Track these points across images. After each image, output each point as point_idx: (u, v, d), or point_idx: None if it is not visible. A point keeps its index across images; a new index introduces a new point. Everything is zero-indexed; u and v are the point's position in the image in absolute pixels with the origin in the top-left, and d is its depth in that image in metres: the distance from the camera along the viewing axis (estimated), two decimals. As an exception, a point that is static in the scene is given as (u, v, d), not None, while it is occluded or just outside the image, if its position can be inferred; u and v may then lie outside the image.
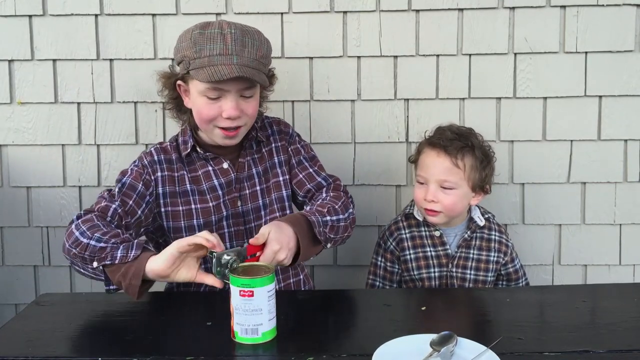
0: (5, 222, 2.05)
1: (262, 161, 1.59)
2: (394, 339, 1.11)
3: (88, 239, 1.30)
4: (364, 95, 1.97)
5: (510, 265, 1.74)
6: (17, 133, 2.00)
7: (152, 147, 1.56)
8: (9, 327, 1.29)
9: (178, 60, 1.47)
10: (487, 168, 1.67)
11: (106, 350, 1.15)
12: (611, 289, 1.53)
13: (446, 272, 1.69)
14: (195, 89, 1.45)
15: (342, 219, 1.50)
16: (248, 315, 1.13)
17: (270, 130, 1.63)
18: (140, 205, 1.46)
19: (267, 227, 1.31)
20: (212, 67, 1.38)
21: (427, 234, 1.71)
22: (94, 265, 1.29)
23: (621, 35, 1.91)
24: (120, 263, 1.26)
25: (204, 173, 1.54)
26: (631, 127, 1.95)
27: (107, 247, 1.28)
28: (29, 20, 1.95)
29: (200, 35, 1.40)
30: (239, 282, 1.13)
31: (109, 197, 1.44)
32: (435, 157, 1.63)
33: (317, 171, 1.62)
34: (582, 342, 1.13)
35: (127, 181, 1.47)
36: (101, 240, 1.29)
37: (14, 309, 2.08)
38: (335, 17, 1.93)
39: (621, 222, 2.00)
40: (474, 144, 1.65)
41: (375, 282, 1.75)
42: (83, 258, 1.30)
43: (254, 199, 1.57)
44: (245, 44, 1.41)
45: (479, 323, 1.28)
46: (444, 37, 1.93)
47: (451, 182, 1.62)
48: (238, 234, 1.55)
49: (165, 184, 1.51)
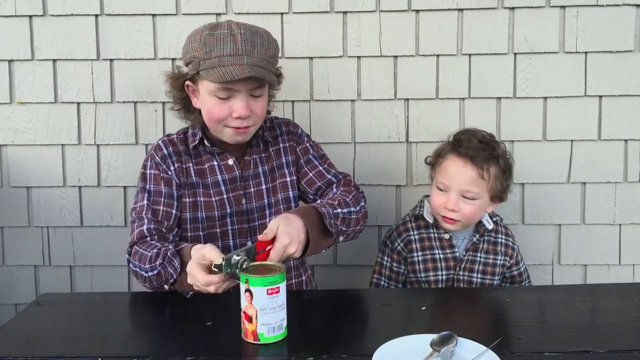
0: (5, 222, 2.05)
1: (269, 160, 1.60)
2: (394, 339, 1.11)
3: (145, 272, 1.38)
4: (364, 95, 1.97)
5: (515, 268, 1.73)
6: (17, 133, 2.00)
7: (159, 141, 1.57)
8: (9, 327, 1.29)
9: (187, 61, 1.47)
10: (508, 179, 1.65)
11: (106, 350, 1.15)
12: (611, 289, 1.53)
13: (453, 275, 1.68)
14: (205, 89, 1.45)
15: (354, 211, 1.49)
16: (275, 313, 1.13)
17: (279, 130, 1.63)
18: (172, 205, 1.50)
19: (276, 220, 1.30)
20: (223, 67, 1.39)
21: (436, 236, 1.70)
22: (166, 288, 1.36)
23: (621, 35, 1.91)
24: (178, 276, 1.32)
25: (209, 167, 1.55)
26: (631, 127, 1.95)
27: (161, 271, 1.35)
28: (29, 20, 1.95)
29: (210, 36, 1.41)
30: (265, 281, 1.12)
31: (137, 220, 1.48)
32: (461, 167, 1.60)
33: (327, 169, 1.62)
34: (582, 342, 1.13)
35: (151, 188, 1.50)
36: (154, 268, 1.36)
37: (14, 309, 2.08)
38: (335, 17, 1.93)
39: (621, 222, 2.00)
40: (499, 153, 1.62)
41: (380, 282, 1.75)
42: (156, 287, 1.38)
43: (259, 197, 1.57)
44: (255, 44, 1.42)
45: (479, 323, 1.28)
46: (444, 37, 1.93)
47: (474, 193, 1.59)
48: (242, 232, 1.56)
49: (179, 175, 1.53)
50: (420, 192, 1.83)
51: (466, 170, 1.59)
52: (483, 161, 1.58)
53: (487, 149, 1.61)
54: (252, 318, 1.13)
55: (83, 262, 2.05)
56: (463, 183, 1.59)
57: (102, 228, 2.03)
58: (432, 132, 1.93)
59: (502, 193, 1.65)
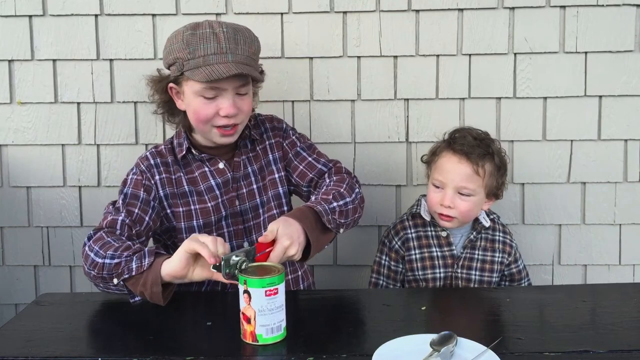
0: (5, 222, 2.05)
1: (257, 159, 1.60)
2: (394, 339, 1.11)
3: (102, 258, 1.31)
4: (364, 95, 1.97)
5: (514, 266, 1.74)
6: (17, 133, 2.00)
7: (147, 152, 1.56)
8: (9, 327, 1.29)
9: (169, 63, 1.46)
10: (503, 175, 1.66)
11: (106, 350, 1.15)
12: (611, 289, 1.53)
13: (451, 273, 1.69)
14: (191, 90, 1.45)
15: (349, 201, 1.49)
16: (274, 314, 1.13)
17: (263, 127, 1.63)
18: (146, 212, 1.47)
19: (275, 223, 1.30)
20: (208, 66, 1.38)
21: (434, 234, 1.71)
22: (115, 282, 1.30)
23: (621, 35, 1.91)
24: (138, 274, 1.27)
25: (201, 174, 1.54)
26: (631, 127, 1.95)
27: (122, 262, 1.29)
28: (29, 20, 1.95)
29: (192, 35, 1.40)
30: (264, 282, 1.12)
31: (114, 211, 1.45)
32: (457, 163, 1.61)
33: (317, 158, 1.62)
34: (582, 342, 1.13)
35: (128, 191, 1.48)
36: (114, 257, 1.30)
37: (14, 309, 2.08)
38: (335, 17, 1.93)
39: (621, 222, 2.00)
40: (493, 150, 1.64)
41: (379, 281, 1.75)
42: (103, 278, 1.32)
43: (251, 197, 1.57)
44: (238, 42, 1.42)
45: (479, 323, 1.28)
46: (444, 37, 1.93)
47: (470, 189, 1.60)
48: (237, 233, 1.56)
49: (165, 186, 1.51)
50: (420, 192, 1.83)
51: (461, 166, 1.60)
52: (478, 157, 1.60)
53: (482, 146, 1.62)
54: (250, 319, 1.13)
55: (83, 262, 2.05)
56: (459, 179, 1.60)
57: (102, 228, 2.03)
58: (432, 132, 1.93)
59: (498, 190, 1.66)
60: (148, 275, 1.26)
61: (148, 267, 1.26)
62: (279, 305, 1.14)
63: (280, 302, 1.14)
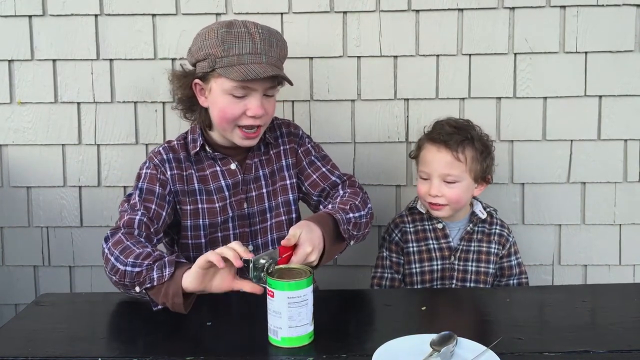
0: (5, 222, 2.05)
1: (270, 163, 1.58)
2: (394, 339, 1.11)
3: (124, 265, 1.29)
4: (364, 95, 1.97)
5: (506, 260, 1.74)
6: (17, 133, 2.00)
7: (160, 147, 1.54)
8: (8, 327, 1.29)
9: (200, 58, 1.43)
10: (487, 159, 1.69)
11: (106, 350, 1.15)
12: (611, 289, 1.53)
13: (448, 265, 1.71)
14: (220, 88, 1.43)
15: (363, 214, 1.49)
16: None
17: (279, 131, 1.61)
18: (163, 207, 1.46)
19: (298, 227, 1.28)
20: (243, 65, 1.37)
21: (430, 227, 1.74)
22: (137, 290, 1.28)
23: (621, 35, 1.91)
24: (159, 284, 1.25)
25: (212, 173, 1.53)
26: (631, 127, 1.95)
27: (143, 271, 1.27)
28: (29, 20, 1.95)
29: (228, 33, 1.39)
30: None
31: (130, 209, 1.43)
32: (436, 152, 1.65)
33: (331, 170, 1.61)
34: (582, 342, 1.13)
35: (143, 186, 1.46)
36: (136, 265, 1.28)
37: (14, 309, 2.08)
38: (335, 17, 1.93)
39: (621, 222, 2.00)
40: (473, 136, 1.67)
41: (384, 274, 1.75)
42: (124, 285, 1.30)
43: (260, 201, 1.56)
44: (272, 44, 1.42)
45: (479, 323, 1.28)
46: (444, 37, 1.93)
47: (454, 176, 1.63)
48: (243, 236, 1.55)
49: (176, 182, 1.50)
50: (420, 192, 1.84)
51: (441, 154, 1.64)
52: (457, 144, 1.63)
53: (460, 133, 1.66)
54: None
55: (83, 262, 2.05)
56: (441, 167, 1.64)
57: (102, 228, 2.02)
58: (432, 132, 1.93)
59: (485, 174, 1.69)
60: (169, 286, 1.23)
61: (169, 278, 1.24)
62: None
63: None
